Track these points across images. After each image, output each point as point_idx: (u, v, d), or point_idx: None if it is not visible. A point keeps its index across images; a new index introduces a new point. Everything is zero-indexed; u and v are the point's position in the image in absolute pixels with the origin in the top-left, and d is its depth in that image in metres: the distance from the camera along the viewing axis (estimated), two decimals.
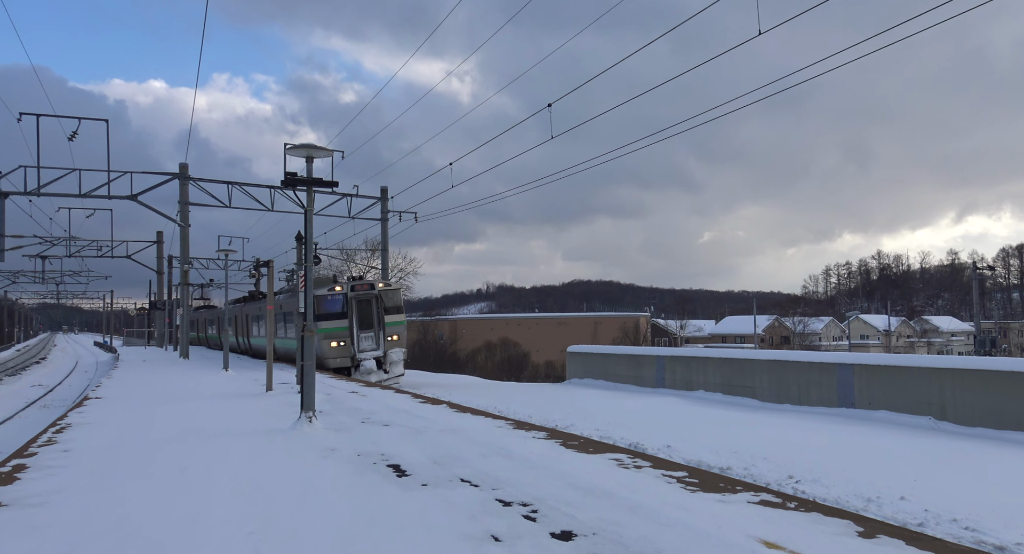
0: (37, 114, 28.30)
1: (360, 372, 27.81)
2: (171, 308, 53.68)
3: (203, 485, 7.80)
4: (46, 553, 5.58)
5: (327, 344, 27.77)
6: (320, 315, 27.38)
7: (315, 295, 23.97)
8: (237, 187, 34.90)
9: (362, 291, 28.62)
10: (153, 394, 18.39)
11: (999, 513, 9.06)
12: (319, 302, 27.62)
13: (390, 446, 10.14)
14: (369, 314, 28.61)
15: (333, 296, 28.16)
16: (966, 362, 16.68)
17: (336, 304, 28.13)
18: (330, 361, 27.93)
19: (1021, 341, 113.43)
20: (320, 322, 27.03)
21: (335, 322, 27.97)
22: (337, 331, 27.97)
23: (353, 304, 28.27)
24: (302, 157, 12.16)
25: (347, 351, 28.15)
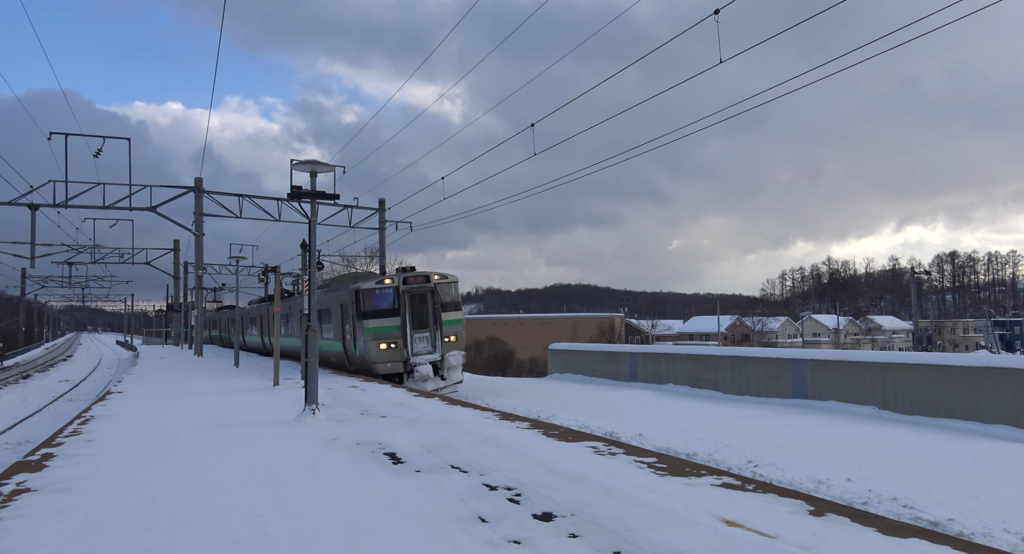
0: (66, 133, 28.02)
1: (414, 379, 21.43)
2: (187, 310, 53.20)
3: (215, 471, 7.74)
4: (72, 534, 5.52)
5: (374, 346, 21.57)
6: (366, 312, 21.72)
7: (360, 289, 21.60)
8: (247, 199, 34.71)
9: (416, 284, 22.15)
10: (170, 389, 18.21)
11: (933, 492, 9.16)
12: (365, 297, 21.88)
13: (386, 436, 10.10)
14: (424, 311, 22.25)
15: (382, 291, 21.91)
16: (905, 357, 16.85)
17: (385, 300, 21.92)
18: (378, 366, 21.55)
19: (954, 338, 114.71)
20: (367, 320, 21.66)
21: (384, 320, 21.77)
22: (387, 331, 21.67)
23: (406, 300, 21.90)
24: (307, 172, 12.13)
25: (399, 354, 21.73)
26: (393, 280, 22.14)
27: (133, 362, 37.25)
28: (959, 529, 7.72)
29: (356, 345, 22.58)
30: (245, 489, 6.92)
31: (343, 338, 23.83)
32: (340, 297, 23.75)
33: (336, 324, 24.43)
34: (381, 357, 21.56)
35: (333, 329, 24.89)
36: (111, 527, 5.72)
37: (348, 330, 23.22)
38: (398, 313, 21.84)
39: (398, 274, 22.32)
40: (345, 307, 23.37)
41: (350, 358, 23.61)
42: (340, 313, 23.83)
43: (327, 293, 25.81)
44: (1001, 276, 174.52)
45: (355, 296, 22.05)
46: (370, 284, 21.98)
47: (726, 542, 5.11)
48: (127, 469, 7.97)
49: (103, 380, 35.65)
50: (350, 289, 22.59)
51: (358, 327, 22.02)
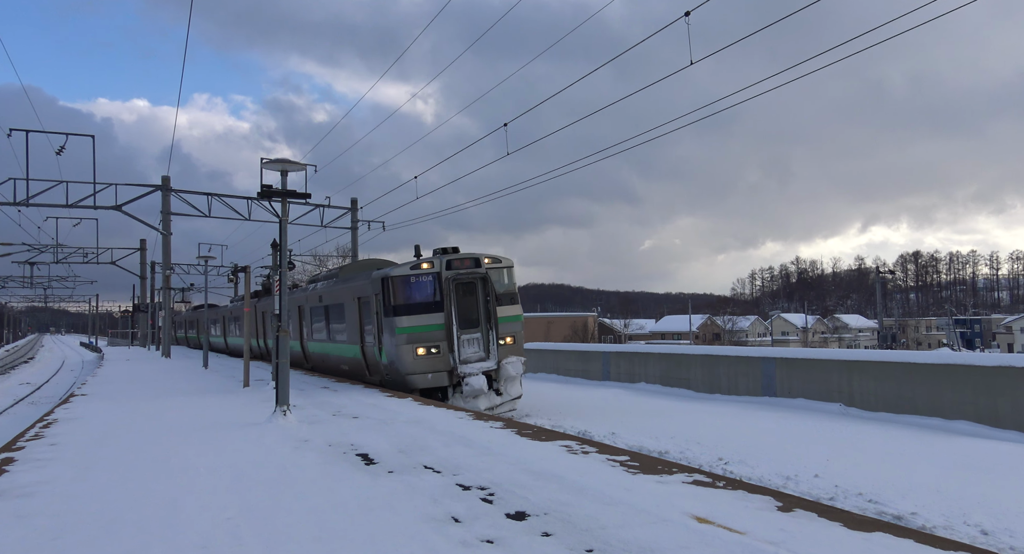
0: (26, 130, 27.36)
1: (463, 395, 16.09)
2: (154, 311, 52.21)
3: (183, 475, 7.61)
4: (33, 540, 5.39)
5: (409, 351, 15.94)
6: (398, 307, 16.24)
7: (390, 277, 16.21)
8: (216, 198, 34.19)
9: (463, 269, 16.59)
10: (135, 391, 17.85)
11: (897, 487, 9.37)
12: (397, 287, 16.35)
13: (359, 437, 10.03)
14: (473, 305, 16.69)
15: (419, 278, 16.42)
16: (870, 355, 17.21)
17: (424, 290, 16.46)
18: (415, 379, 16.01)
19: (917, 336, 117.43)
20: (399, 317, 16.11)
21: (422, 317, 16.22)
22: (426, 331, 16.13)
23: (450, 290, 16.31)
24: (278, 171, 11.99)
25: (442, 362, 16.12)
26: (433, 264, 16.33)
27: (98, 364, 36.44)
28: (921, 522, 7.91)
29: (382, 350, 16.86)
30: (214, 493, 6.82)
31: (361, 341, 18.49)
32: (358, 288, 18.43)
33: (351, 323, 19.06)
34: (419, 366, 15.93)
35: (347, 329, 19.47)
36: (74, 532, 5.59)
37: (369, 330, 17.88)
38: (440, 307, 16.22)
39: (438, 257, 16.52)
40: (365, 301, 17.98)
41: (372, 366, 18.24)
42: (357, 309, 18.48)
43: (336, 285, 20.67)
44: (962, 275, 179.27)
45: (382, 286, 16.48)
46: (402, 270, 16.40)
47: (697, 538, 5.17)
48: (91, 473, 7.80)
49: (66, 382, 34.83)
50: (374, 277, 17.09)
51: (386, 326, 16.43)
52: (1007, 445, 12.59)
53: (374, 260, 21.82)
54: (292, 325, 24.82)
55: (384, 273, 16.74)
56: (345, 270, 22.16)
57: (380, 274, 16.92)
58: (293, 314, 25.07)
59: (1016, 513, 8.23)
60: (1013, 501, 8.70)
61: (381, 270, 17.36)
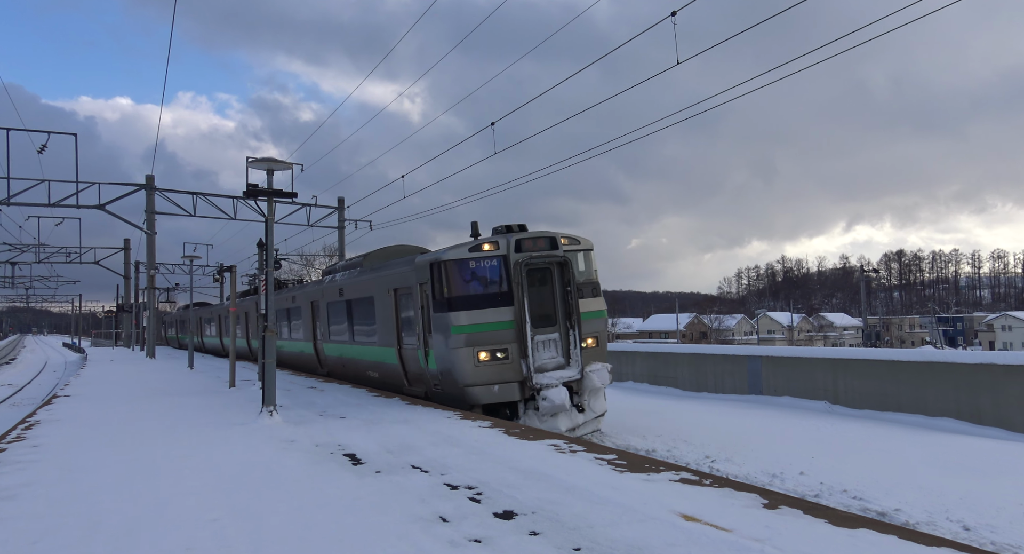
0: (7, 128, 27.03)
1: (539, 411, 12.57)
2: (138, 311, 51.73)
3: (167, 477, 7.55)
4: (14, 543, 5.32)
5: (468, 357, 12.53)
6: (455, 299, 12.72)
7: (443, 261, 12.82)
8: (202, 197, 33.97)
9: (537, 252, 13.06)
10: (119, 392, 17.68)
11: (881, 484, 9.47)
12: (452, 274, 12.87)
13: (346, 437, 9.99)
14: (548, 297, 13.22)
15: (481, 262, 12.95)
16: (855, 353, 17.38)
17: (487, 277, 13.02)
18: (477, 391, 12.60)
19: (901, 334, 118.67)
20: (456, 312, 12.65)
21: (485, 312, 12.72)
22: (489, 330, 12.68)
23: (522, 277, 12.80)
24: (263, 170, 11.91)
25: (512, 370, 12.62)
26: (498, 245, 12.85)
27: (81, 365, 36.05)
28: (905, 519, 8.00)
29: (430, 354, 13.44)
30: (199, 494, 6.76)
31: (398, 342, 15.03)
32: (394, 278, 15.06)
33: (384, 321, 15.68)
34: (481, 375, 12.43)
35: (378, 329, 16.09)
36: (57, 535, 5.53)
37: (410, 330, 14.44)
38: (509, 300, 12.67)
39: (504, 235, 13.09)
40: (405, 293, 14.61)
41: (413, 375, 14.72)
42: (393, 303, 15.11)
43: (363, 275, 17.25)
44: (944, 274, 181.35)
45: (432, 273, 13.06)
46: (459, 252, 12.84)
47: (684, 536, 5.19)
48: (74, 475, 7.71)
49: (49, 383, 34.44)
50: (420, 263, 13.65)
51: (437, 324, 12.98)
52: (988, 442, 12.75)
53: (405, 246, 18.39)
54: (303, 325, 22.21)
55: (434, 257, 13.10)
56: (371, 258, 18.25)
57: (428, 258, 13.31)
58: (304, 312, 22.07)
59: (997, 509, 8.34)
60: (994, 497, 8.81)
61: (428, 254, 13.80)
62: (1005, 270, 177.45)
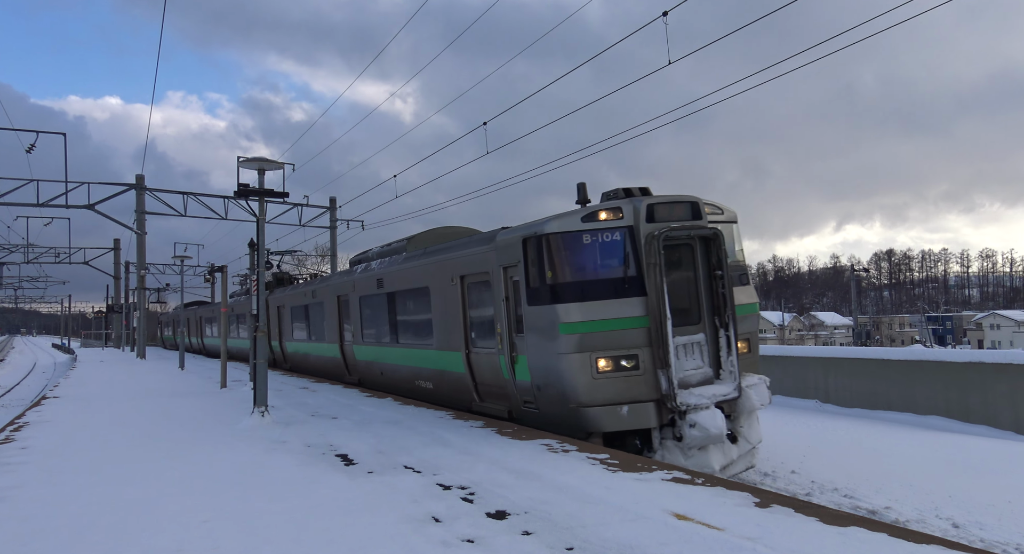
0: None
1: (684, 443, 9.03)
2: (128, 311, 51.42)
3: (157, 478, 7.50)
4: (5, 545, 5.27)
5: (582, 365, 9.19)
6: (562, 286, 9.55)
7: (548, 234, 9.58)
8: (192, 197, 33.81)
9: (677, 220, 9.58)
10: (109, 393, 17.57)
11: (872, 481, 9.52)
12: (559, 251, 9.63)
13: (338, 437, 9.95)
14: (692, 284, 9.84)
15: (598, 234, 9.57)
16: (846, 352, 17.48)
17: (607, 256, 9.69)
18: (597, 414, 9.18)
19: (891, 333, 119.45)
20: (565, 304, 9.40)
21: (605, 305, 9.35)
22: (612, 329, 9.26)
23: (656, 258, 9.23)
24: (255, 169, 11.86)
25: (644, 385, 9.15)
26: (620, 212, 9.53)
27: (70, 366, 35.80)
28: (895, 516, 8.05)
29: (519, 361, 10.25)
30: (190, 495, 6.73)
31: (466, 345, 11.82)
32: (464, 261, 11.83)
33: (446, 317, 12.42)
34: (602, 391, 9.15)
35: (436, 328, 12.84)
36: (46, 538, 5.48)
37: (483, 329, 11.42)
38: (638, 288, 9.35)
39: (627, 200, 9.74)
40: (479, 281, 11.42)
41: (488, 388, 11.53)
42: (460, 295, 11.89)
43: (408, 261, 14.14)
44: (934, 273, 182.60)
45: (527, 251, 9.91)
46: (568, 222, 9.57)
47: (676, 535, 5.20)
48: (63, 477, 7.66)
49: (38, 385, 34.19)
50: (507, 241, 10.43)
51: (533, 321, 9.78)
52: (977, 439, 12.85)
53: (455, 227, 15.46)
54: (327, 324, 19.24)
55: (529, 230, 9.83)
56: (418, 241, 15.10)
57: (519, 233, 10.05)
58: (328, 309, 18.90)
59: (986, 506, 8.41)
60: (983, 495, 8.88)
61: (517, 228, 10.40)
62: (993, 269, 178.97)
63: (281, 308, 24.39)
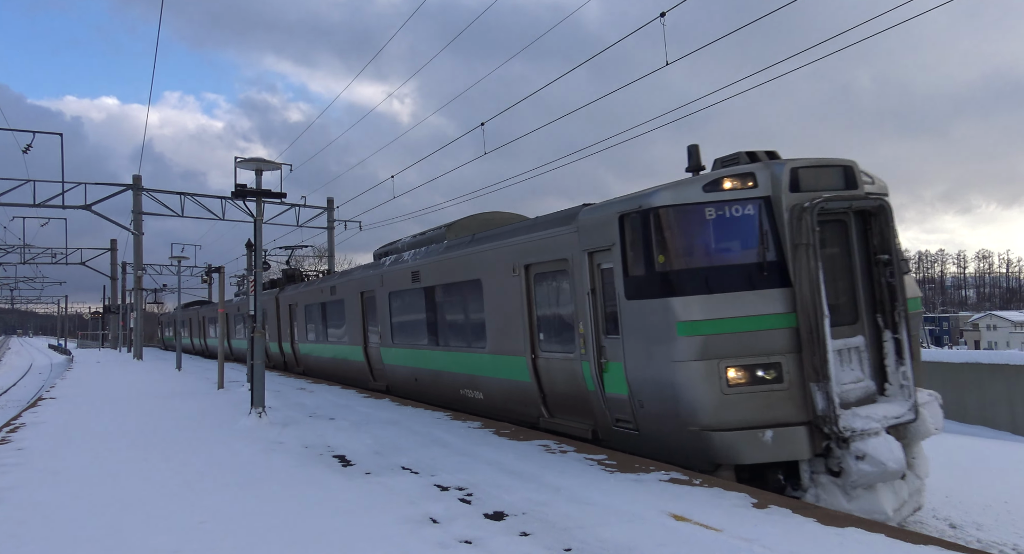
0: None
1: (852, 478, 6.80)
2: (125, 312, 51.31)
3: (154, 480, 7.48)
4: (0, 547, 5.26)
5: (707, 374, 7.13)
6: (677, 274, 7.51)
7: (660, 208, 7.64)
8: (189, 198, 33.81)
9: (825, 187, 7.47)
10: (106, 394, 17.52)
11: None
12: (675, 229, 7.61)
13: (335, 438, 9.94)
14: (846, 272, 7.61)
15: (725, 207, 7.48)
16: None
17: (738, 236, 7.57)
18: (730, 440, 7.08)
19: None
20: (683, 298, 7.35)
21: (736, 299, 7.27)
22: (744, 330, 7.16)
23: (808, 237, 7.09)
24: (252, 170, 11.84)
25: (790, 403, 7.07)
26: (753, 179, 7.59)
27: (67, 367, 35.73)
28: None
29: (609, 369, 8.51)
30: (186, 497, 6.71)
31: (532, 349, 10.14)
32: (530, 247, 10.08)
33: (506, 317, 10.70)
34: (735, 410, 7.18)
35: (494, 328, 11.03)
36: (42, 539, 5.46)
37: (553, 330, 9.84)
38: (781, 276, 7.38)
39: (765, 165, 7.73)
40: (550, 271, 9.76)
41: (563, 401, 9.77)
42: (525, 288, 10.19)
43: (452, 251, 12.41)
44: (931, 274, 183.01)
45: (627, 231, 8.08)
46: (685, 192, 7.75)
47: (673, 536, 5.20)
48: (59, 478, 7.63)
49: (34, 385, 34.11)
50: (597, 218, 8.65)
51: (636, 319, 7.97)
52: (974, 440, 12.88)
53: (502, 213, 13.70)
54: (349, 324, 17.52)
55: (634, 204, 7.89)
56: (459, 229, 13.36)
57: (615, 209, 8.17)
58: (350, 307, 17.27)
59: (983, 507, 8.43)
60: (980, 495, 8.90)
61: (611, 202, 8.49)
62: (990, 270, 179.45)
63: (293, 307, 22.74)
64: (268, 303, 25.01)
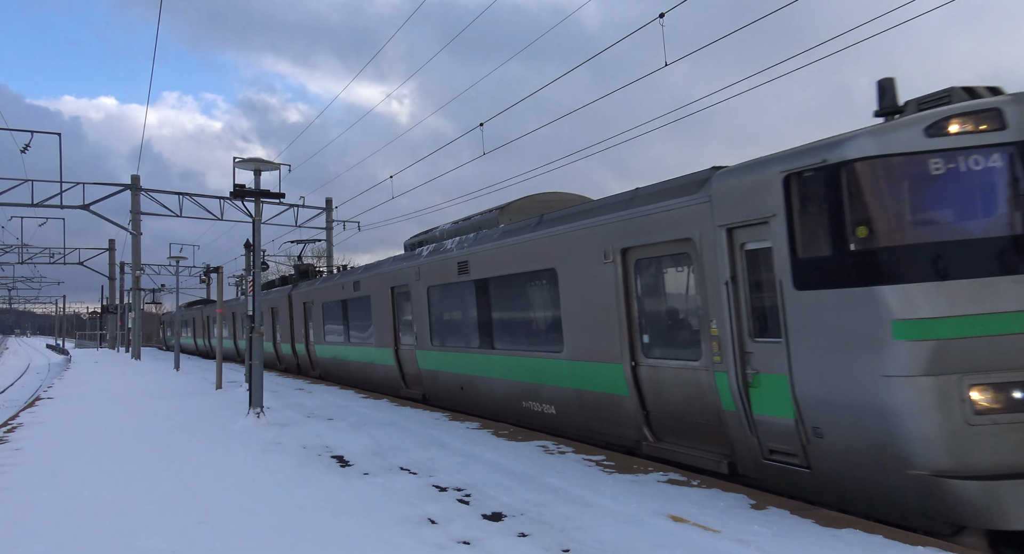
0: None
1: None
2: (123, 312, 51.23)
3: (151, 480, 7.47)
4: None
5: (941, 396, 5.16)
6: (890, 252, 5.45)
7: (859, 160, 5.51)
8: (188, 198, 33.80)
9: None
10: (104, 394, 17.50)
11: None
12: (879, 187, 5.50)
13: (333, 438, 9.93)
14: None
15: (955, 154, 5.36)
16: None
17: (979, 195, 5.51)
18: (977, 495, 4.99)
19: None
20: (896, 287, 5.33)
21: (976, 287, 5.24)
22: (994, 330, 5.14)
23: None
24: (251, 170, 11.83)
25: None
26: (1000, 118, 5.42)
27: (65, 367, 35.68)
28: None
29: (760, 383, 6.52)
30: (183, 497, 6.70)
31: (631, 353, 8.25)
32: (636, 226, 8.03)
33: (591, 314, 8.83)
34: (991, 450, 5.14)
35: (574, 327, 9.22)
36: (38, 541, 5.45)
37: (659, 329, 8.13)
38: None
39: (1014, 98, 5.46)
40: (661, 257, 7.92)
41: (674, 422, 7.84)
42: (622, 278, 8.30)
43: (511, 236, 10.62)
44: None
45: (795, 193, 6.04)
46: (899, 136, 5.53)
47: (671, 538, 5.20)
48: (56, 479, 7.62)
49: (32, 385, 34.04)
50: (758, 178, 6.38)
51: (815, 315, 5.85)
52: None
53: (562, 194, 11.82)
54: (376, 322, 15.72)
55: (810, 158, 5.99)
56: (514, 212, 11.62)
57: (784, 166, 6.22)
58: (378, 304, 15.48)
59: None
60: None
61: (774, 159, 6.45)
62: None
63: (308, 305, 20.82)
64: (280, 301, 23.59)
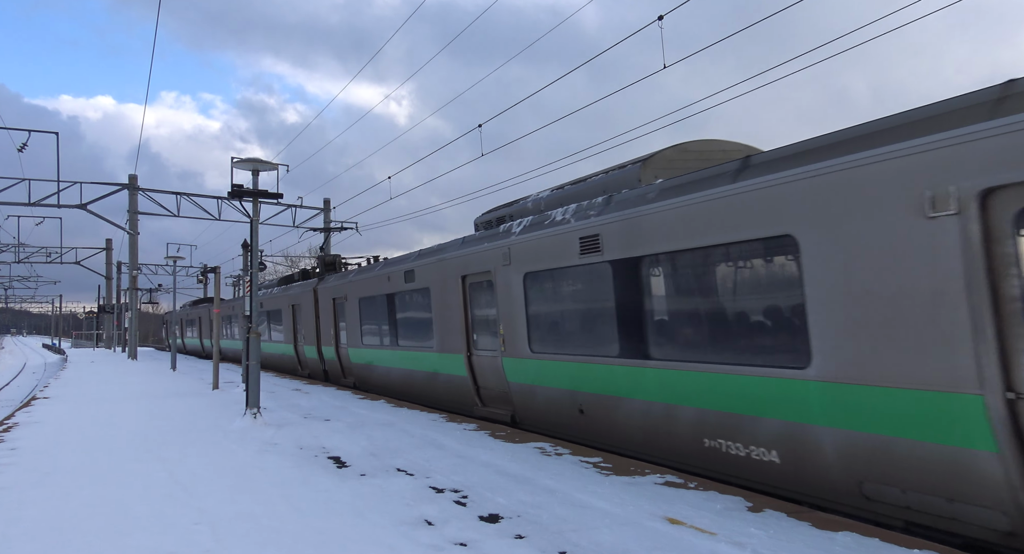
0: None
1: None
2: (120, 311, 51.13)
3: (148, 481, 7.45)
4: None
5: None
6: None
7: None
8: (186, 198, 33.74)
9: None
10: (100, 394, 17.46)
11: None
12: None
13: (330, 439, 9.91)
14: None
15: None
16: None
17: None
18: None
19: None
20: None
21: None
22: None
23: None
24: (249, 170, 11.82)
25: None
26: None
27: (61, 366, 35.59)
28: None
29: None
30: (179, 497, 6.68)
31: (1006, 378, 4.56)
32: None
33: (862, 307, 5.42)
34: None
35: (842, 322, 5.57)
36: (34, 540, 5.43)
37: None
38: None
39: None
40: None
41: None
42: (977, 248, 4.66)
43: (680, 193, 7.29)
44: None
45: None
46: None
47: (667, 540, 5.19)
48: (51, 479, 7.60)
49: (28, 385, 33.94)
50: None
51: None
52: None
53: (719, 141, 9.06)
54: (440, 321, 12.90)
55: None
56: (659, 165, 8.91)
57: None
58: (440, 296, 12.80)
59: None
60: None
61: None
62: None
63: (339, 301, 18.16)
64: (304, 297, 20.93)
